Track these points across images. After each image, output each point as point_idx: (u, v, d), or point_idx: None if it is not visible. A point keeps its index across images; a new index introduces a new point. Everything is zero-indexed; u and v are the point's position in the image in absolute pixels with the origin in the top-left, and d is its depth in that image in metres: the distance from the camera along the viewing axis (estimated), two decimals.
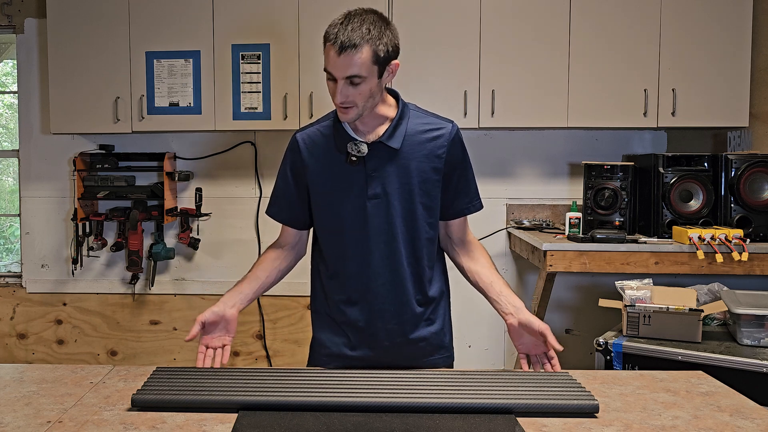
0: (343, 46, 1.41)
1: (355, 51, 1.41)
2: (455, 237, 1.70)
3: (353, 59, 1.42)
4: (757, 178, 2.81)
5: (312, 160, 1.61)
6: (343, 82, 1.45)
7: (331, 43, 1.43)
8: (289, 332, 3.59)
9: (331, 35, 1.43)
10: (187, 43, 3.21)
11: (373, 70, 1.46)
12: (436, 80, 3.15)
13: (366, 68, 1.44)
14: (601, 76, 3.09)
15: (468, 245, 1.70)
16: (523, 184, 3.53)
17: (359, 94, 1.47)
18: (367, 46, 1.43)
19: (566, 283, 3.50)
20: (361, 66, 1.43)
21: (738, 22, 3.05)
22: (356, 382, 1.38)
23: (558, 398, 1.30)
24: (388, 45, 1.47)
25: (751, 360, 2.19)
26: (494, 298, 1.59)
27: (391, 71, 1.52)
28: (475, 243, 1.72)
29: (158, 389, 1.33)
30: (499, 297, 1.58)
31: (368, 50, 1.43)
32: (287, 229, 1.71)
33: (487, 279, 1.63)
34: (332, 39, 1.43)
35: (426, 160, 1.58)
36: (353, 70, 1.43)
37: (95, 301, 3.66)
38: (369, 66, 1.44)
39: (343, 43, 1.41)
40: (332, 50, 1.43)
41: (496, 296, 1.59)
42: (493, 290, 1.60)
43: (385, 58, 1.47)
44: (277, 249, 1.71)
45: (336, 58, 1.42)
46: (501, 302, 1.57)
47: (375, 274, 1.60)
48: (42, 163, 3.63)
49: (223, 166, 3.59)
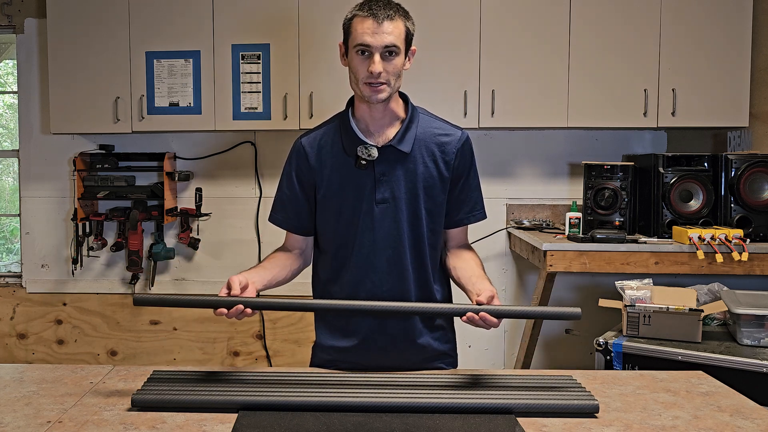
0: (382, 15, 1.45)
1: (392, 21, 1.46)
2: (452, 244, 1.68)
3: (392, 27, 1.45)
4: (757, 178, 2.81)
5: (319, 164, 1.59)
6: (379, 54, 1.46)
7: (367, 15, 1.46)
8: (289, 332, 3.59)
9: (365, 9, 1.47)
10: (187, 43, 3.21)
11: (403, 46, 1.49)
12: (436, 80, 3.15)
13: (401, 40, 1.48)
14: (601, 76, 3.09)
15: (461, 248, 1.68)
16: (523, 184, 3.53)
17: (393, 69, 1.48)
18: (401, 19, 1.49)
19: (566, 283, 3.50)
20: (398, 36, 1.47)
21: (738, 22, 3.05)
22: (356, 382, 1.38)
23: (558, 398, 1.30)
24: (413, 25, 1.52)
25: (751, 360, 2.19)
26: (469, 289, 1.52)
27: (410, 56, 1.55)
28: (468, 247, 1.69)
29: (158, 389, 1.32)
30: (473, 286, 1.50)
31: (402, 24, 1.48)
32: (292, 236, 1.67)
33: (467, 273, 1.57)
34: (367, 11, 1.46)
35: (433, 165, 1.57)
36: (391, 39, 1.46)
37: (95, 301, 3.66)
38: (402, 40, 1.48)
39: (382, 13, 1.45)
40: (369, 21, 1.45)
41: (471, 286, 1.51)
42: (470, 282, 1.53)
43: (410, 38, 1.52)
44: (286, 252, 1.67)
45: (376, 26, 1.45)
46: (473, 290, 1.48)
47: (380, 280, 1.58)
48: (42, 163, 3.63)
49: (223, 166, 3.59)
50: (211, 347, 3.62)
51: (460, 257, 1.65)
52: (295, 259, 1.66)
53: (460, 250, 1.67)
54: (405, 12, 1.51)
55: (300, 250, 1.68)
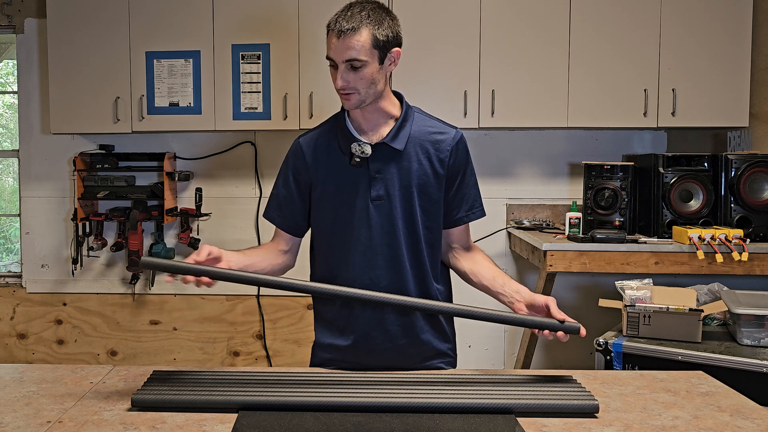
0: (342, 29, 1.44)
1: (353, 33, 1.44)
2: (457, 245, 1.69)
3: (352, 42, 1.44)
4: (757, 178, 2.81)
5: (315, 162, 1.61)
6: (343, 67, 1.46)
7: (333, 29, 1.46)
8: (289, 332, 3.59)
9: (332, 22, 1.47)
10: (187, 43, 3.21)
11: (374, 54, 1.47)
12: (436, 80, 3.15)
13: (365, 52, 1.46)
14: (601, 76, 3.09)
15: (469, 250, 1.70)
16: (523, 184, 3.53)
17: (360, 79, 1.48)
18: (366, 29, 1.45)
19: (566, 283, 3.50)
20: (360, 49, 1.45)
21: (738, 22, 3.05)
22: (356, 382, 1.38)
23: (558, 398, 1.30)
24: (387, 30, 1.49)
25: (751, 360, 2.19)
26: (498, 291, 1.59)
27: (392, 59, 1.53)
28: (475, 247, 1.72)
29: (158, 390, 1.32)
30: (503, 288, 1.58)
31: (367, 33, 1.45)
32: (282, 234, 1.69)
33: (489, 275, 1.62)
34: (334, 25, 1.46)
35: (428, 163, 1.58)
36: (352, 53, 1.45)
37: (95, 301, 3.66)
38: (368, 50, 1.46)
39: (342, 26, 1.44)
40: (332, 35, 1.46)
41: (500, 289, 1.58)
42: (496, 284, 1.60)
43: (385, 44, 1.49)
44: (271, 247, 1.69)
45: (336, 41, 1.45)
46: (505, 293, 1.57)
47: (378, 277, 1.58)
48: (42, 163, 3.63)
49: (223, 166, 3.59)
50: (211, 347, 3.62)
51: (473, 261, 1.67)
52: (277, 256, 1.67)
53: (470, 253, 1.69)
54: (377, 18, 1.46)
55: (285, 249, 1.69)
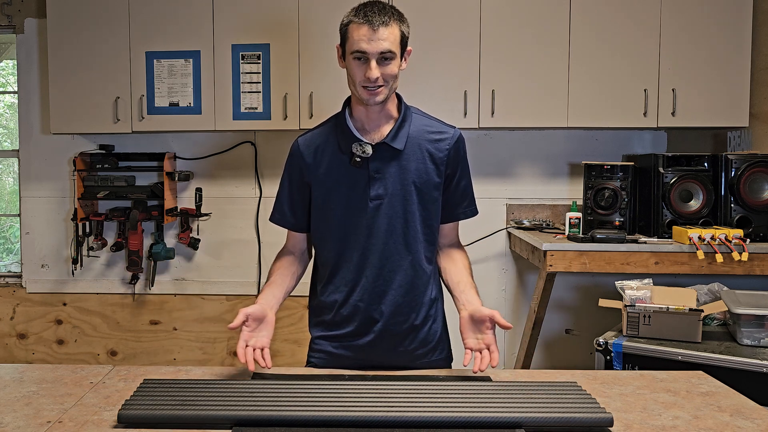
0: (377, 22, 1.46)
1: (387, 27, 1.48)
2: (444, 241, 1.70)
3: (386, 34, 1.47)
4: (757, 178, 2.81)
5: (314, 162, 1.62)
6: (375, 60, 1.48)
7: (362, 22, 1.47)
8: (289, 332, 3.59)
9: (360, 15, 1.48)
10: (187, 43, 3.21)
11: (398, 50, 1.51)
12: (436, 80, 3.15)
13: (396, 45, 1.50)
14: (601, 76, 3.09)
15: (452, 247, 1.71)
16: (523, 184, 3.53)
17: (389, 73, 1.50)
18: (396, 24, 1.50)
19: (566, 283, 3.50)
20: (393, 42, 1.49)
21: (738, 22, 3.05)
22: (354, 394, 1.30)
23: (568, 411, 1.22)
24: (406, 28, 1.54)
25: (751, 360, 2.19)
26: (455, 296, 1.59)
27: (406, 57, 1.56)
28: (458, 246, 1.73)
29: (147, 403, 1.24)
30: (460, 295, 1.57)
31: (397, 28, 1.50)
32: (294, 234, 1.71)
33: (456, 278, 1.62)
34: (363, 18, 1.47)
35: (427, 163, 1.59)
36: (387, 45, 1.48)
37: (95, 301, 3.65)
38: (398, 44, 1.50)
39: (377, 20, 1.46)
40: (364, 27, 1.47)
41: (458, 295, 1.58)
42: (457, 289, 1.60)
43: (405, 41, 1.53)
44: (289, 255, 1.71)
45: (372, 33, 1.46)
46: (459, 299, 1.56)
47: (374, 276, 1.60)
48: (42, 163, 3.63)
49: (223, 166, 3.59)
50: (211, 347, 3.61)
51: (450, 258, 1.68)
52: (299, 263, 1.71)
53: (450, 250, 1.70)
54: (399, 15, 1.53)
55: (301, 250, 1.73)
